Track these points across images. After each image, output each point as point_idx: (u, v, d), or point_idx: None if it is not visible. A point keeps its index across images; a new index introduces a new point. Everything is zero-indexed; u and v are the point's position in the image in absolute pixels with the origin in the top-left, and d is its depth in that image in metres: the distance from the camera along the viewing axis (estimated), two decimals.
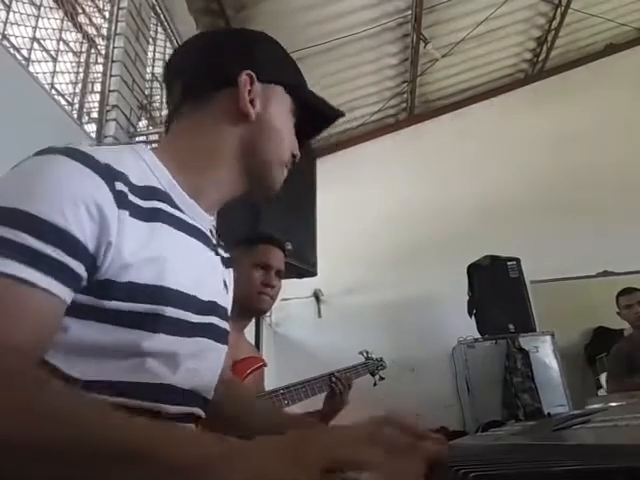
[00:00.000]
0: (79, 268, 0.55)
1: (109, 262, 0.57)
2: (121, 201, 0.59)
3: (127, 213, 0.60)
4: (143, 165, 0.67)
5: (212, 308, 0.74)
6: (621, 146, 4.83)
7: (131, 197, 0.61)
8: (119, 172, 0.60)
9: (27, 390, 0.44)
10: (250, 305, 1.55)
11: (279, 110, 0.77)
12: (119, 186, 0.59)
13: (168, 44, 3.15)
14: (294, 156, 0.80)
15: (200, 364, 0.71)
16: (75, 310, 0.57)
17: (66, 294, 0.54)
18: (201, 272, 0.71)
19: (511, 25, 4.70)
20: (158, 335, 0.62)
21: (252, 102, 0.73)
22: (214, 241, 0.79)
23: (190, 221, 0.71)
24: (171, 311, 0.63)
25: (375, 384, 1.92)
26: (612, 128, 4.93)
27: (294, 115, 0.79)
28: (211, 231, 0.78)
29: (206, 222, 0.75)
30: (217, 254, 0.81)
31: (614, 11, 4.88)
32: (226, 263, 0.85)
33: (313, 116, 0.83)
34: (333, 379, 1.65)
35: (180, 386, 0.67)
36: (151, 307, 0.61)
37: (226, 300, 0.82)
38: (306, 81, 0.84)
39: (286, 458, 0.44)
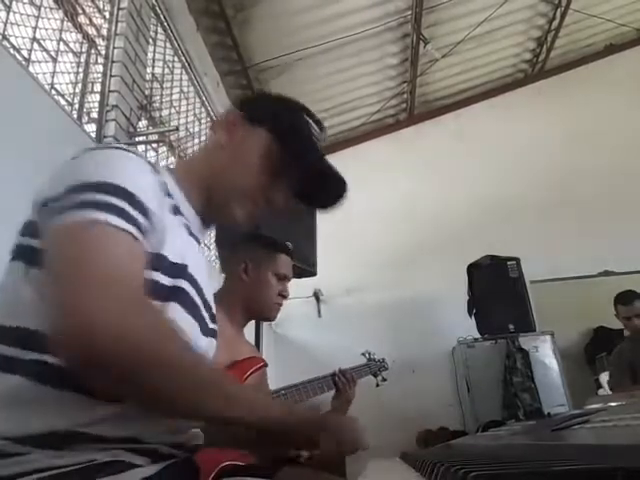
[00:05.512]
0: (146, 239, 0.63)
1: (156, 237, 0.66)
2: (164, 191, 0.72)
3: (167, 202, 0.72)
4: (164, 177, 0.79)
5: (209, 308, 0.81)
6: (621, 146, 4.83)
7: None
8: (158, 170, 0.74)
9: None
10: (263, 312, 1.57)
11: (253, 148, 0.82)
12: (162, 179, 0.73)
13: (168, 44, 3.15)
14: (270, 202, 0.83)
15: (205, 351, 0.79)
16: None
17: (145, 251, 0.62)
18: (203, 273, 0.80)
19: (511, 25, 4.69)
20: (177, 307, 0.69)
21: (231, 134, 0.83)
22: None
23: (195, 232, 0.81)
24: (191, 290, 0.72)
25: (377, 385, 1.92)
26: (612, 128, 4.92)
27: (276, 160, 0.81)
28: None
29: (204, 236, 0.87)
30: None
31: (614, 11, 4.87)
32: None
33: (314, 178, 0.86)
34: (336, 377, 1.65)
35: None
36: (179, 281, 0.70)
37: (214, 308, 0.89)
38: (315, 145, 0.86)
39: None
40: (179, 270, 0.70)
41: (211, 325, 0.81)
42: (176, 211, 0.75)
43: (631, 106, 4.97)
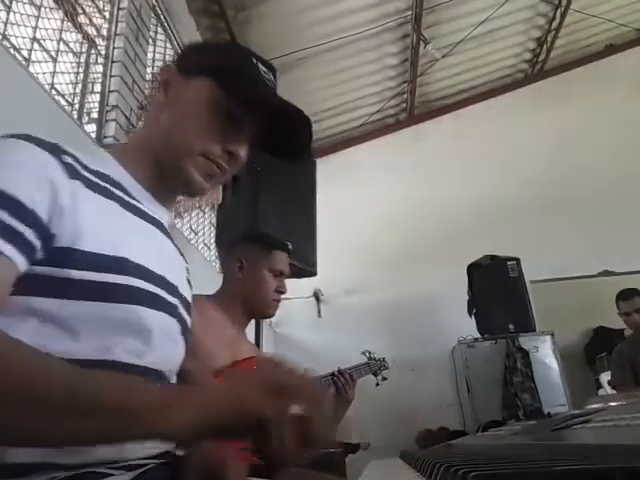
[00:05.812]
0: (30, 235, 0.54)
1: (65, 229, 0.57)
2: (72, 172, 0.61)
3: (80, 184, 0.61)
4: (96, 157, 0.70)
5: (177, 294, 0.74)
6: (620, 146, 4.83)
7: (83, 172, 0.63)
8: (67, 151, 0.63)
9: None
10: (262, 309, 1.57)
11: (194, 98, 0.73)
12: (67, 159, 0.62)
13: (168, 44, 3.15)
14: (228, 152, 0.73)
15: (172, 346, 0.71)
16: (39, 285, 0.56)
17: (18, 259, 0.53)
18: (163, 256, 0.72)
19: (511, 25, 4.70)
20: (129, 306, 0.62)
21: (167, 92, 0.75)
22: (172, 240, 0.79)
23: (148, 211, 0.72)
24: (138, 282, 0.63)
25: (377, 384, 1.92)
26: (612, 128, 4.92)
27: (223, 106, 0.72)
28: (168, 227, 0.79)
29: (164, 215, 0.77)
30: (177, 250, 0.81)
31: (614, 11, 4.87)
32: (186, 269, 0.85)
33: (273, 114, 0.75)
34: (335, 377, 1.66)
35: (152, 367, 0.66)
36: (115, 277, 0.61)
37: (189, 294, 0.81)
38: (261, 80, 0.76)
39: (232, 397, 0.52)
40: (115, 263, 0.61)
41: (183, 314, 0.74)
42: (106, 192, 0.65)
43: (631, 106, 4.97)
